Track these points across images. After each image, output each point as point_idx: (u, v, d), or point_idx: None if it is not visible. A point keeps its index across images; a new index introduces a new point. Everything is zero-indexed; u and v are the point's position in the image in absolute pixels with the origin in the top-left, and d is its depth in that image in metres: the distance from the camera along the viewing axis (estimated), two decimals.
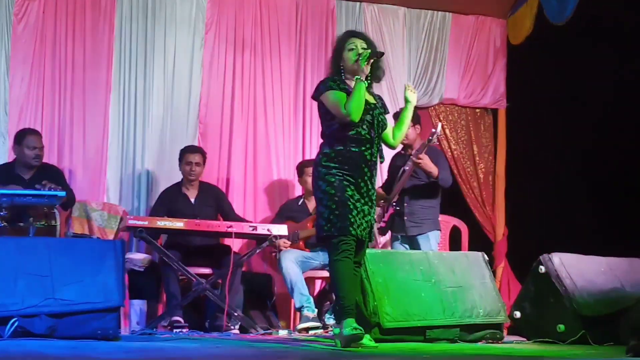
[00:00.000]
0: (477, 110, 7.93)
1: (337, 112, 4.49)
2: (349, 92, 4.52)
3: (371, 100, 4.63)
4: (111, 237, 6.38)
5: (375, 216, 6.34)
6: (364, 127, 4.52)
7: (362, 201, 4.49)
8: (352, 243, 4.43)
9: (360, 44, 4.61)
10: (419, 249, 6.16)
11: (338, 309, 4.46)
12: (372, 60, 4.54)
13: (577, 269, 5.39)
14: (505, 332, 5.47)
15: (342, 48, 4.63)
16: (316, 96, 4.65)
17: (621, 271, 5.52)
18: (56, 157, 6.72)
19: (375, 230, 6.42)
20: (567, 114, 6.70)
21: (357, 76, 4.49)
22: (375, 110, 4.59)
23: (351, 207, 4.42)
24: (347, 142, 4.51)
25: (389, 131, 4.74)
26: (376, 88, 4.78)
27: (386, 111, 4.77)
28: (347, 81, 4.62)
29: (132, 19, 7.07)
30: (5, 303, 4.49)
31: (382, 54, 4.64)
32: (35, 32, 6.83)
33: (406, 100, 4.78)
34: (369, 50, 4.55)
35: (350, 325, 4.29)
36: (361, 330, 4.32)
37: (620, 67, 6.15)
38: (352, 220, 4.40)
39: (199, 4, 7.24)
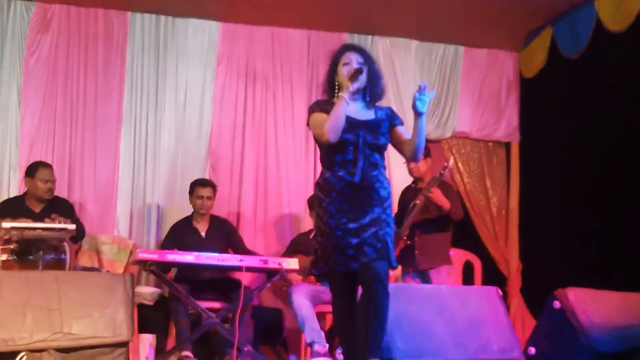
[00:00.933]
0: (490, 143, 7.89)
1: (316, 134, 4.29)
2: None
3: (365, 117, 4.32)
4: (121, 270, 6.34)
5: None
6: (349, 148, 4.23)
7: (352, 228, 4.17)
8: (337, 281, 4.32)
9: (356, 58, 4.33)
10: (431, 283, 6.11)
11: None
12: (356, 77, 4.21)
13: (593, 305, 5.30)
14: None
15: (338, 62, 4.36)
16: (308, 123, 4.43)
17: (638, 307, 5.44)
18: (67, 191, 6.72)
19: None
20: (581, 148, 6.65)
21: (341, 93, 4.22)
22: (365, 128, 4.26)
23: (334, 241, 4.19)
24: (333, 167, 4.28)
25: (397, 143, 4.44)
26: None
27: (394, 123, 4.42)
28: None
29: (144, 51, 7.10)
30: (14, 337, 4.45)
31: (361, 70, 4.25)
32: (47, 65, 6.87)
33: (415, 111, 4.26)
34: (357, 68, 4.25)
35: None
36: None
37: (635, 101, 6.11)
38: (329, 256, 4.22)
39: (211, 37, 7.26)
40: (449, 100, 7.73)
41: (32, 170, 6.17)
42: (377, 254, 4.15)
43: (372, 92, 4.37)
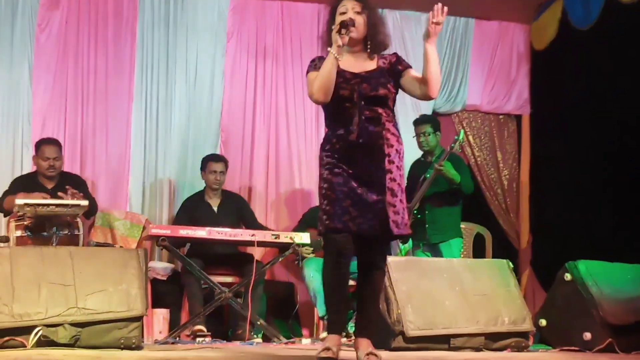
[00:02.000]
0: (501, 116, 7.88)
1: (308, 95, 3.97)
2: None
3: (362, 68, 3.97)
4: (134, 246, 6.38)
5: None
6: (346, 104, 3.88)
7: (360, 190, 3.80)
8: (342, 241, 3.82)
9: (352, 6, 3.93)
10: (441, 256, 6.13)
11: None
12: (344, 30, 3.81)
13: (603, 277, 5.33)
14: (530, 340, 5.40)
15: (335, 12, 3.98)
16: None
17: None
18: (79, 167, 6.75)
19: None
20: (592, 120, 6.63)
21: (329, 48, 3.86)
22: (361, 80, 3.91)
23: (340, 197, 3.79)
24: (332, 124, 3.95)
25: (411, 85, 4.00)
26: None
27: (399, 67, 4.02)
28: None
29: (154, 27, 7.10)
30: (29, 313, 4.50)
31: (352, 23, 3.85)
32: (58, 41, 6.87)
33: (426, 37, 3.95)
34: (342, 20, 3.84)
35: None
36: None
37: None
38: (340, 213, 3.77)
39: (221, 13, 7.25)
40: (459, 73, 7.71)
41: (36, 147, 6.20)
42: (382, 227, 3.80)
43: (372, 41, 3.98)
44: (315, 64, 3.97)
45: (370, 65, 3.99)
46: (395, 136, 3.91)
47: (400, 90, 4.02)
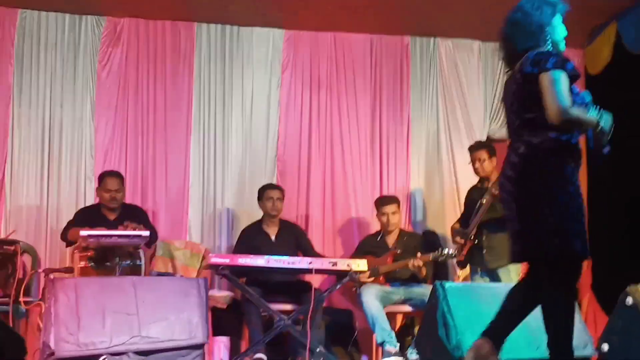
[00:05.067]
0: None
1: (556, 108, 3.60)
2: None
3: None
4: (194, 275, 6.46)
5: (455, 250, 6.36)
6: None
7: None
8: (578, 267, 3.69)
9: None
10: (499, 281, 6.09)
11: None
12: None
13: None
14: None
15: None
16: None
17: None
18: (140, 198, 6.89)
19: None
20: None
21: None
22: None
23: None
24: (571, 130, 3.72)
25: None
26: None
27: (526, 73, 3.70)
28: None
29: (211, 61, 7.25)
30: (95, 342, 4.60)
31: None
32: (118, 77, 7.06)
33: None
34: None
35: None
36: None
37: None
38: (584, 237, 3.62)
39: (275, 45, 7.37)
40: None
41: (99, 180, 6.35)
42: None
43: None
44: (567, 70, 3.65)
45: None
46: None
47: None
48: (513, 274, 6.20)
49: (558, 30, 3.85)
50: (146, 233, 5.63)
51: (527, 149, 3.62)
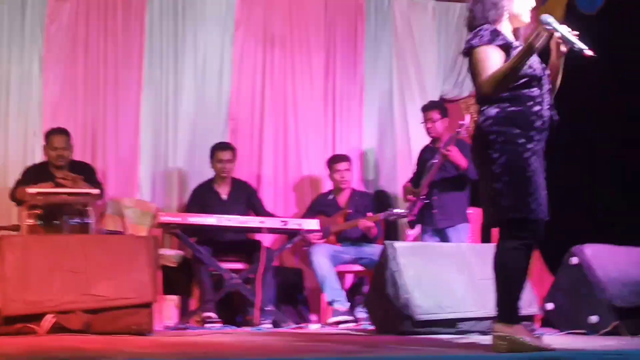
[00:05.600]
0: None
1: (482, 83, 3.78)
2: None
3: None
4: (144, 233, 6.44)
5: (405, 209, 6.42)
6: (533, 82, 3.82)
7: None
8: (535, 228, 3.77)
9: None
10: (449, 241, 6.17)
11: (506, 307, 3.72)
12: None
13: (610, 260, 5.35)
14: (537, 324, 5.45)
15: None
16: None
17: None
18: (90, 156, 6.80)
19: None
20: (602, 102, 6.63)
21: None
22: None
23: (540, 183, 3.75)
24: (524, 101, 3.80)
25: None
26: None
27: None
28: None
29: (162, 17, 7.13)
30: (42, 300, 4.58)
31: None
32: (67, 32, 6.91)
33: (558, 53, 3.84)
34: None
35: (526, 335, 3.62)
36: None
37: None
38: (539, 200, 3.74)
39: (229, 1, 7.29)
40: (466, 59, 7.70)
41: (45, 137, 6.26)
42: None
43: None
44: (491, 40, 3.74)
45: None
46: None
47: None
48: (462, 234, 6.28)
49: (518, 3, 3.86)
50: (96, 191, 5.60)
51: (480, 118, 3.76)
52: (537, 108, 3.77)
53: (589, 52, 3.68)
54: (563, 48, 3.76)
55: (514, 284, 3.74)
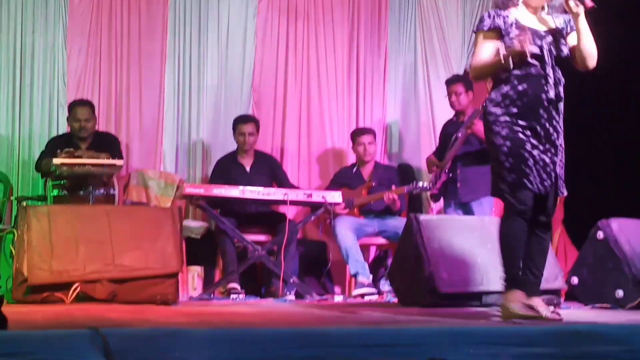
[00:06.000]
0: None
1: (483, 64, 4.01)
2: None
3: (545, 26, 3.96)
4: (168, 205, 6.44)
5: (429, 183, 6.39)
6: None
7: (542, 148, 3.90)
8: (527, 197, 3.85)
9: None
10: (473, 215, 6.14)
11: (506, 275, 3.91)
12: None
13: (636, 235, 5.31)
14: (562, 298, 5.43)
15: None
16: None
17: None
18: (114, 127, 6.81)
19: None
20: (620, 78, 6.55)
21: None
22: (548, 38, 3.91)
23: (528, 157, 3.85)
24: (512, 79, 3.93)
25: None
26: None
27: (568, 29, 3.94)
28: None
29: None
30: (68, 269, 4.61)
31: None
32: (91, 4, 6.90)
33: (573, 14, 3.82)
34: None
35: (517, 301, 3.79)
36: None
37: None
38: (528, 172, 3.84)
39: None
40: None
41: (69, 109, 6.27)
42: (555, 183, 3.98)
43: None
44: (488, 26, 3.90)
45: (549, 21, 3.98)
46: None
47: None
48: (486, 207, 6.25)
49: None
50: (120, 162, 5.62)
51: (486, 99, 4.02)
52: (537, 86, 3.88)
53: (590, 3, 3.76)
54: (574, 9, 3.77)
55: (510, 252, 3.91)
